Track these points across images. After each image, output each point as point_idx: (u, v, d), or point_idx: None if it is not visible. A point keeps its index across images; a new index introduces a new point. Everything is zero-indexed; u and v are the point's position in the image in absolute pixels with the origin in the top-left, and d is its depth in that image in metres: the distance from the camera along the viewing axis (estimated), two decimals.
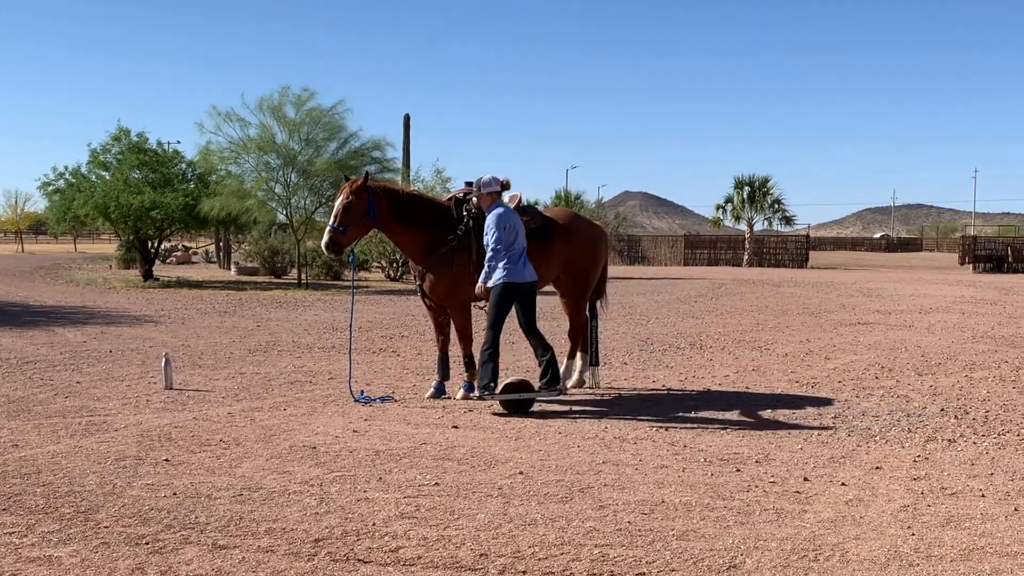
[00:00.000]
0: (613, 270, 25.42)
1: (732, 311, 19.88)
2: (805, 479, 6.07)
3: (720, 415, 8.21)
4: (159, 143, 30.19)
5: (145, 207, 27.13)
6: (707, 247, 55.13)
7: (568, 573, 4.41)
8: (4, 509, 5.26)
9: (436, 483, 5.88)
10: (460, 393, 8.90)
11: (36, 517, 5.12)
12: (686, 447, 6.94)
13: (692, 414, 8.23)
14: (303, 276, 28.88)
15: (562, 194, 51.65)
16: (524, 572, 4.42)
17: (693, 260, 53.95)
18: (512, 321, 8.62)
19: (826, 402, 8.89)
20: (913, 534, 4.98)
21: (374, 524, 5.06)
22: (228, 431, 7.35)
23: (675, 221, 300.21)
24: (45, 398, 8.71)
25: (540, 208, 9.77)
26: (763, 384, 10.00)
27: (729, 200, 54.55)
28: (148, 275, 29.87)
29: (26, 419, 7.75)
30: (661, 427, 7.65)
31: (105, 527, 4.97)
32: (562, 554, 4.63)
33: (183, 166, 30.36)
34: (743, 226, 54.84)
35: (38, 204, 65.48)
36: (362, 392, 8.99)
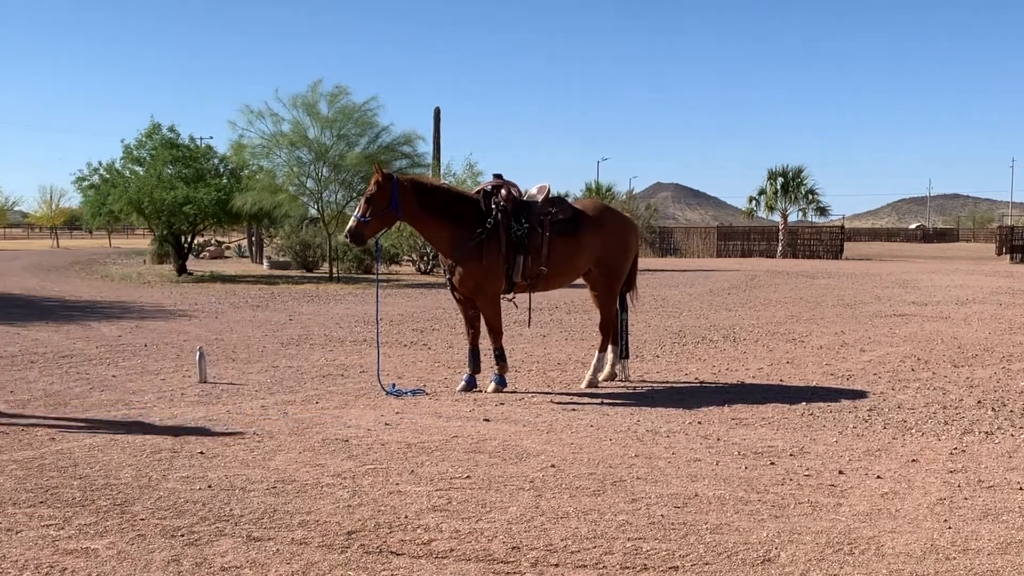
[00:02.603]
0: (645, 262, 25.32)
1: (766, 303, 19.73)
2: (840, 472, 6.02)
3: (754, 408, 8.15)
4: (191, 138, 30.33)
5: (178, 202, 27.36)
6: (740, 238, 54.76)
7: (601, 566, 4.39)
8: (42, 502, 5.32)
9: (468, 476, 5.88)
10: (491, 386, 8.90)
11: (73, 510, 5.18)
12: (720, 440, 6.90)
13: (726, 407, 8.18)
14: (334, 270, 29.01)
15: (592, 186, 51.50)
16: (557, 565, 4.41)
17: (726, 252, 53.61)
18: (539, 313, 8.59)
19: (861, 395, 8.80)
20: (950, 527, 4.92)
21: (406, 517, 5.07)
22: (262, 424, 7.40)
23: (708, 212, 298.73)
24: (81, 392, 8.81)
25: (570, 200, 9.73)
26: (798, 377, 9.92)
27: (762, 191, 54.29)
28: (182, 270, 30.14)
29: (63, 413, 7.84)
30: (694, 420, 7.61)
31: (141, 519, 5.01)
32: (595, 547, 4.61)
33: (215, 161, 30.59)
34: (777, 217, 54.55)
35: (73, 200, 66.48)
36: (393, 385, 9.02)
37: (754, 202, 55.07)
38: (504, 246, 8.73)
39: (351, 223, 8.64)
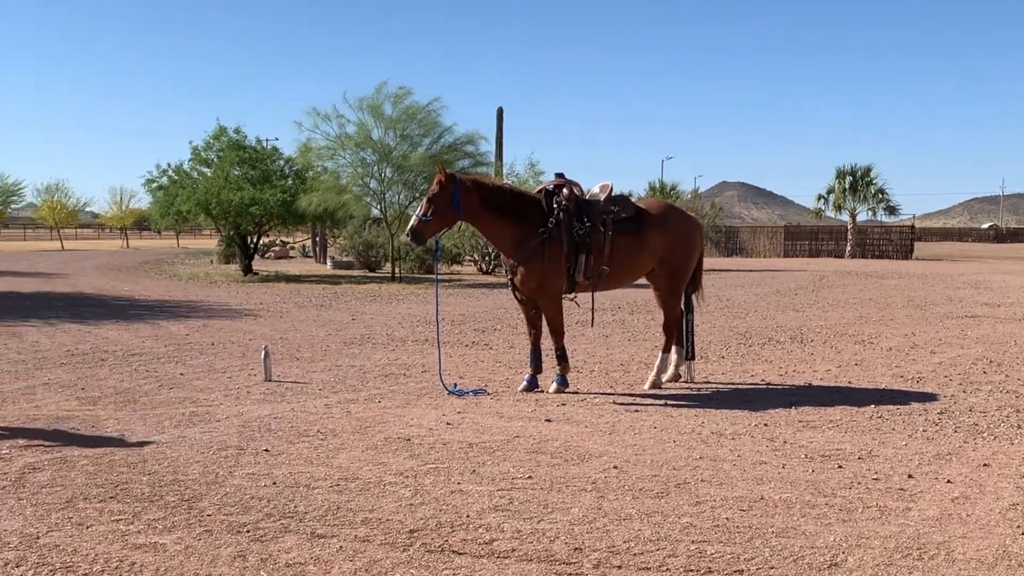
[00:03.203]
0: (710, 262, 25.17)
1: (834, 304, 19.41)
2: (910, 476, 5.89)
3: (821, 410, 8.00)
4: (258, 140, 30.77)
5: (244, 203, 27.79)
6: (808, 238, 54.05)
7: (664, 569, 4.34)
8: (112, 497, 5.42)
9: (529, 476, 5.86)
10: (553, 387, 8.86)
11: (142, 505, 5.27)
12: (786, 443, 6.78)
13: (792, 409, 8.04)
14: (396, 270, 29.21)
15: (656, 185, 51.16)
16: (619, 567, 4.36)
17: (793, 251, 52.98)
18: (601, 314, 8.53)
19: (932, 397, 8.59)
20: (1023, 533, 4.78)
21: (468, 516, 5.07)
22: (325, 422, 7.46)
23: (775, 212, 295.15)
24: (150, 389, 8.97)
25: (633, 199, 9.64)
26: (866, 379, 9.72)
27: (831, 190, 53.53)
28: (248, 270, 30.61)
29: (132, 410, 8.00)
30: (760, 422, 7.49)
31: (208, 515, 5.08)
32: (658, 550, 4.56)
33: (281, 163, 30.98)
34: (845, 216, 53.71)
35: (142, 200, 67.80)
36: (455, 385, 9.03)
37: (822, 201, 54.32)
38: (566, 245, 8.69)
39: (412, 222, 8.68)
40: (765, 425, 7.39)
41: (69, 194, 73.35)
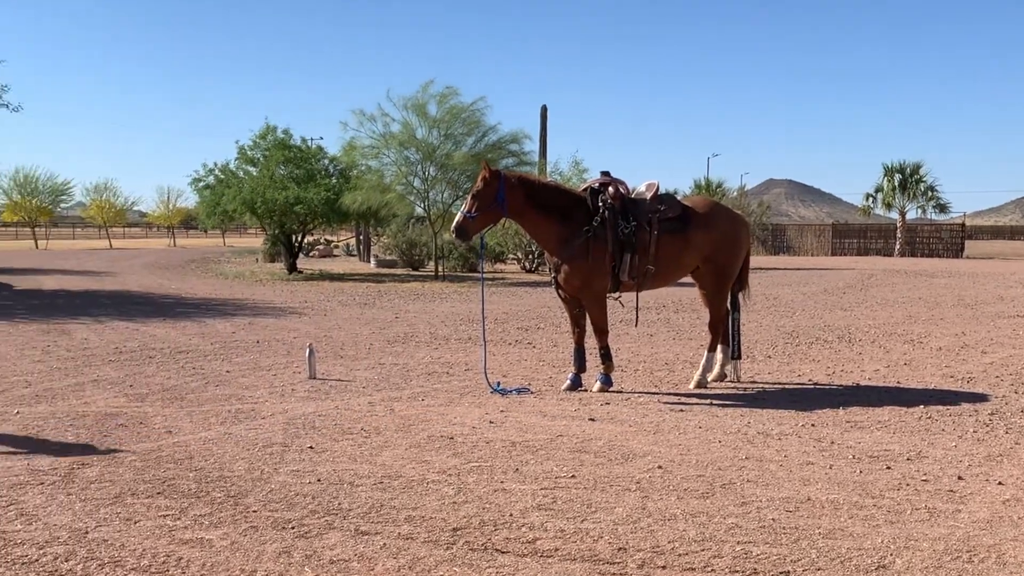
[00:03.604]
0: (757, 260, 24.83)
1: (883, 303, 19.14)
2: (959, 478, 5.79)
3: (870, 411, 7.88)
4: (303, 140, 31.02)
5: (289, 202, 28.03)
6: (856, 236, 53.46)
7: (709, 570, 4.29)
8: (159, 492, 5.48)
9: (573, 475, 5.83)
10: (596, 386, 8.82)
11: (189, 501, 5.32)
12: (833, 443, 6.69)
13: (840, 409, 7.93)
14: (440, 268, 29.29)
15: (702, 183, 50.79)
16: (664, 567, 4.32)
17: (841, 250, 52.42)
18: (646, 312, 8.47)
19: (982, 398, 8.43)
20: None
21: (511, 515, 5.05)
22: (369, 420, 7.49)
23: (822, 209, 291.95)
24: (197, 386, 9.07)
25: (679, 197, 9.56)
26: (915, 379, 9.56)
27: (880, 188, 52.89)
28: (292, 268, 30.89)
29: (179, 407, 8.09)
30: (807, 422, 7.39)
31: (253, 511, 5.12)
32: (703, 550, 4.51)
33: (325, 162, 31.20)
34: (894, 214, 53.06)
35: (189, 200, 68.67)
36: (498, 383, 9.02)
37: (871, 199, 53.68)
38: (611, 244, 8.64)
39: (457, 219, 8.70)
40: (812, 425, 7.29)
41: (117, 193, 74.73)
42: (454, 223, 8.74)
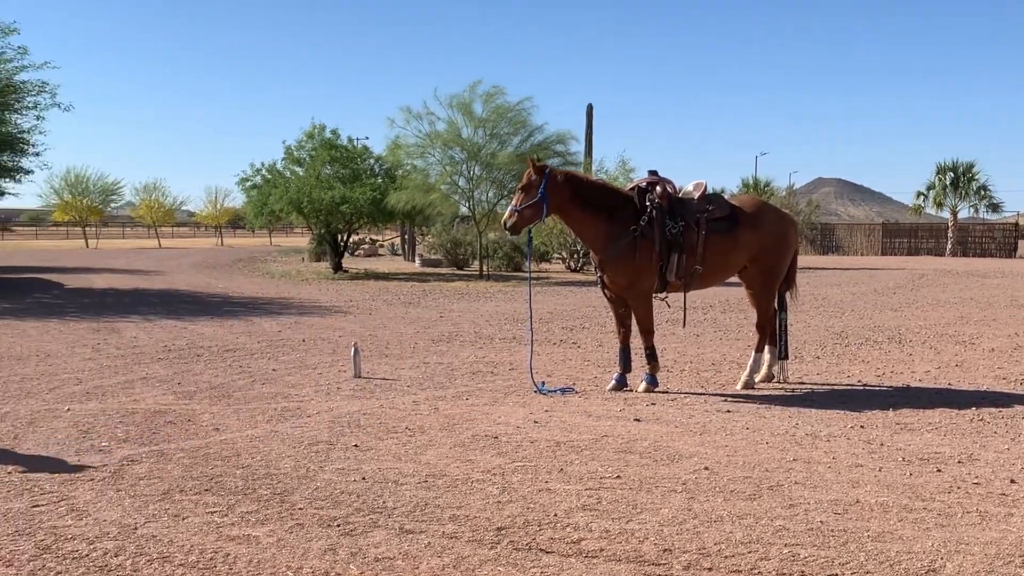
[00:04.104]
0: (805, 260, 24.62)
1: (934, 303, 18.83)
2: (1012, 481, 5.67)
3: (920, 412, 7.74)
4: (349, 139, 31.21)
5: (335, 202, 28.20)
6: (907, 236, 52.73)
7: (756, 572, 4.24)
8: (207, 489, 5.53)
9: (618, 476, 5.79)
10: (642, 386, 8.76)
11: (236, 498, 5.37)
12: (883, 445, 6.58)
13: (889, 411, 7.80)
14: (484, 268, 29.32)
15: (750, 181, 50.36)
16: (710, 569, 4.27)
17: (891, 249, 51.72)
18: (693, 312, 8.39)
19: None
20: None
21: (556, 515, 5.03)
22: (413, 419, 7.50)
23: (872, 209, 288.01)
24: (244, 384, 9.16)
25: (726, 196, 9.47)
26: (967, 380, 9.38)
27: (931, 186, 52.15)
28: (338, 267, 31.09)
29: (226, 404, 8.17)
30: (856, 424, 7.28)
31: (299, 509, 5.15)
32: (750, 552, 4.46)
33: (371, 161, 31.36)
34: (946, 214, 52.25)
35: (236, 199, 69.24)
36: (543, 383, 9.00)
37: (922, 198, 52.94)
38: (658, 244, 8.58)
39: (507, 212, 8.74)
40: (861, 427, 7.18)
41: (166, 193, 75.41)
42: (504, 216, 8.78)
